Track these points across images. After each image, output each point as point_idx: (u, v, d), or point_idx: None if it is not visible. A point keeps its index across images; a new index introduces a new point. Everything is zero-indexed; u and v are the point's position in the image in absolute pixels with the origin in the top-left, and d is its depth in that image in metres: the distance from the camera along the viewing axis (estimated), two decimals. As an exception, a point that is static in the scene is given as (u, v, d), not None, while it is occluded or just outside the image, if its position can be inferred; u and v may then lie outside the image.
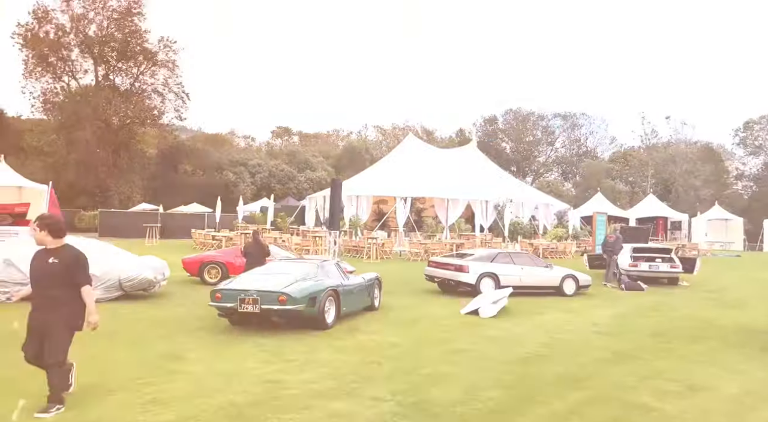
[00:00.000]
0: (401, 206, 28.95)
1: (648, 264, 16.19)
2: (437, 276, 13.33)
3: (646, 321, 10.60)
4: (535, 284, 13.48)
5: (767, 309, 12.21)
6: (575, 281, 13.92)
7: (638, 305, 12.65)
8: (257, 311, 7.74)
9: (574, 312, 11.33)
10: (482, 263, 13.01)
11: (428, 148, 38.00)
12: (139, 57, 44.70)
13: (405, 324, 9.25)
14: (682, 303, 13.01)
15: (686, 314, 11.51)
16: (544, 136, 75.90)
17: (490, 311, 10.17)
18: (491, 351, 7.57)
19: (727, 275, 20.25)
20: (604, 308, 12.10)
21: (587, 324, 9.98)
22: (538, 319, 10.27)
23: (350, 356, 6.96)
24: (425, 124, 79.09)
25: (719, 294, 14.78)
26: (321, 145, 74.80)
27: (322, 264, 9.05)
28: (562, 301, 12.85)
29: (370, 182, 32.59)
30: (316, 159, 59.46)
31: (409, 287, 14.24)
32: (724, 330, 9.82)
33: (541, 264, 13.79)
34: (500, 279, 12.96)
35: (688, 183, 53.18)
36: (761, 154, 59.63)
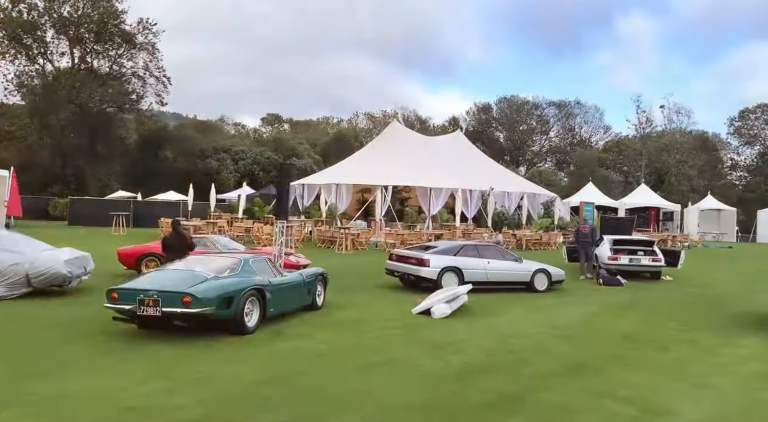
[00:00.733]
0: (380, 195, 27.88)
1: (629, 257, 15.19)
2: (397, 270, 12.31)
3: (617, 321, 9.61)
4: (503, 279, 12.48)
5: (752, 309, 11.23)
6: (547, 276, 12.92)
7: (613, 302, 11.66)
8: (158, 315, 6.69)
9: (539, 311, 10.33)
10: (445, 256, 11.98)
11: (413, 135, 36.89)
12: (117, 39, 43.24)
13: (342, 327, 8.23)
14: (660, 301, 12.03)
15: (663, 313, 10.53)
16: (539, 125, 74.84)
17: (442, 311, 9.15)
18: (426, 361, 6.55)
19: (715, 268, 19.31)
20: (574, 306, 11.11)
21: (549, 326, 8.98)
22: (496, 320, 9.26)
23: (256, 370, 5.92)
24: (420, 112, 77.78)
25: (702, 291, 13.81)
26: (311, 132, 73.49)
27: (247, 259, 7.99)
28: (531, 298, 11.86)
29: (351, 170, 31.51)
30: (302, 146, 58.18)
31: (370, 282, 13.23)
32: (700, 333, 8.84)
33: (510, 257, 12.77)
34: (464, 274, 11.95)
35: (682, 173, 52.21)
36: (756, 144, 58.66)
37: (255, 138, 67.24)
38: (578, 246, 16.77)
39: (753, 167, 58.34)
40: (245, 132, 77.28)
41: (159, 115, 51.79)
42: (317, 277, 9.39)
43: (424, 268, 11.68)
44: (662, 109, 56.53)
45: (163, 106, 48.07)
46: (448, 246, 12.38)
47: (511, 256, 12.80)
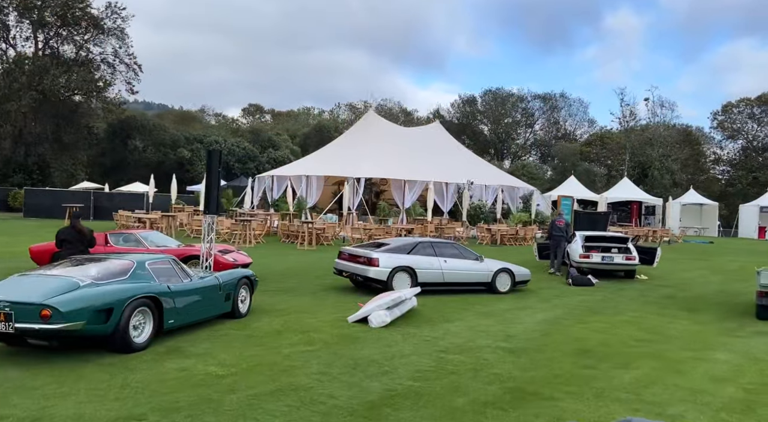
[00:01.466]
0: (350, 188, 26.70)
1: (601, 255, 14.20)
2: (345, 270, 11.17)
3: (579, 330, 8.57)
4: (461, 280, 11.41)
5: (728, 315, 10.28)
6: (511, 276, 11.88)
7: (578, 306, 10.65)
8: (10, 331, 5.49)
9: (495, 317, 9.27)
10: (397, 255, 10.87)
11: (389, 125, 35.68)
12: (83, 23, 41.40)
13: (256, 341, 7.08)
14: (630, 304, 11.05)
15: (631, 320, 9.52)
16: (524, 118, 74.08)
17: (381, 319, 8.04)
18: (338, 388, 5.43)
19: (693, 266, 18.44)
20: (535, 310, 10.07)
21: (502, 336, 7.91)
22: (442, 329, 8.16)
23: (112, 406, 4.75)
24: (407, 104, 76.57)
25: (677, 291, 12.86)
26: (291, 123, 71.94)
27: (143, 261, 6.79)
28: (491, 301, 10.80)
29: (322, 161, 30.27)
30: (280, 137, 56.73)
31: (318, 282, 12.10)
32: (669, 344, 7.84)
33: (470, 256, 11.69)
34: (418, 274, 10.87)
35: (665, 166, 51.60)
36: (739, 138, 58.28)
37: (229, 128, 65.51)
38: (551, 242, 15.81)
39: (735, 161, 58.01)
40: (225, 123, 75.60)
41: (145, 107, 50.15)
42: (240, 281, 8.22)
43: (372, 268, 10.55)
44: (646, 102, 55.90)
45: (134, 94, 46.37)
46: (402, 244, 11.26)
47: (471, 255, 11.72)
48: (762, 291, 9.62)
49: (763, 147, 57.33)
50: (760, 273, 9.66)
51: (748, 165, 55.53)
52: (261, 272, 13.09)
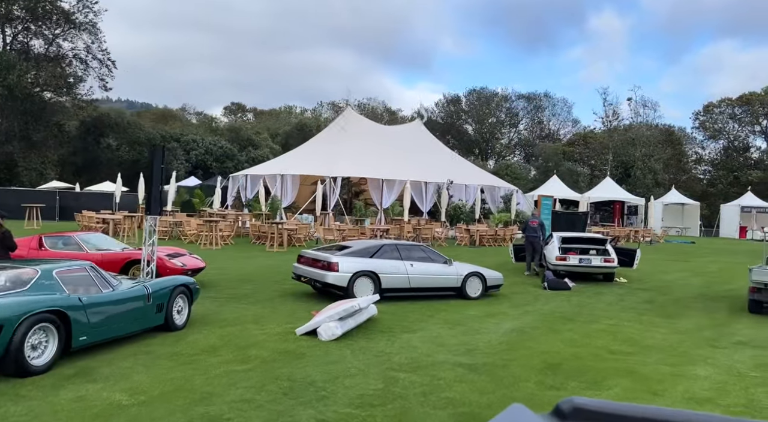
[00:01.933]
0: (324, 188, 25.91)
1: (578, 258, 13.56)
2: (304, 275, 10.38)
3: (549, 341, 7.87)
4: (429, 285, 10.68)
5: (708, 320, 9.67)
6: (482, 280, 11.18)
7: (552, 312, 9.97)
8: None
9: (460, 327, 8.54)
10: (359, 259, 10.10)
11: (368, 123, 34.92)
12: (54, 17, 40.06)
13: (186, 358, 6.27)
14: (607, 310, 10.40)
15: (606, 328, 8.85)
16: (508, 118, 73.83)
17: (331, 332, 7.26)
18: (259, 419, 4.64)
19: (674, 267, 17.93)
20: (505, 318, 9.36)
21: (464, 349, 7.18)
22: (399, 342, 7.42)
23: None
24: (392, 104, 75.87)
25: (656, 295, 12.26)
26: (272, 122, 70.85)
27: (49, 270, 5.93)
28: (459, 307, 10.09)
29: (298, 160, 29.41)
30: (260, 136, 55.70)
31: (276, 288, 11.30)
32: (646, 357, 7.17)
33: (439, 259, 10.97)
34: (382, 279, 10.11)
35: (648, 166, 51.49)
36: (720, 139, 58.44)
37: (211, 127, 64.27)
38: (525, 243, 15.20)
39: (717, 161, 58.14)
40: (205, 121, 74.33)
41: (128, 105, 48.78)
42: (175, 289, 7.39)
43: (331, 273, 9.77)
44: (629, 102, 55.80)
45: (107, 91, 45.11)
46: (365, 247, 10.49)
47: (440, 258, 11.00)
48: (754, 287, 10.41)
49: (743, 147, 57.56)
50: (752, 270, 10.42)
51: (729, 165, 55.67)
52: (218, 277, 12.27)
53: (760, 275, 10.27)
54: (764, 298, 10.43)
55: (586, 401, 1.58)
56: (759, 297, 10.41)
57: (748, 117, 56.33)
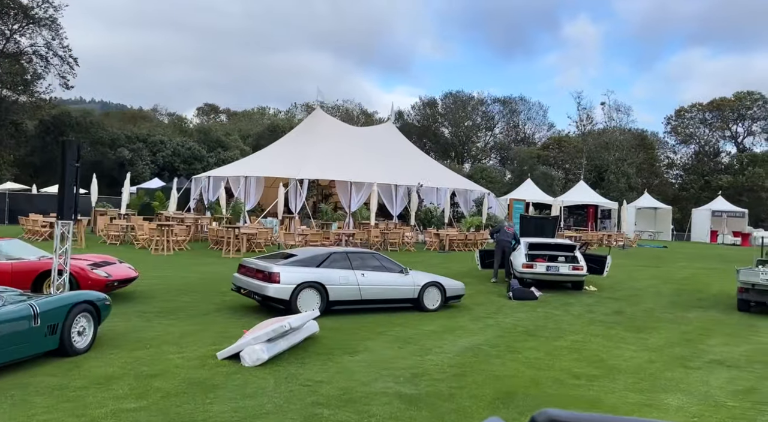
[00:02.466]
0: (289, 191, 24.92)
1: (546, 265, 12.83)
2: (243, 287, 9.40)
3: (505, 363, 7.05)
4: (382, 296, 9.79)
5: (680, 335, 8.98)
6: (441, 291, 10.35)
7: (514, 327, 9.17)
8: None
9: (411, 345, 7.67)
10: (304, 268, 9.17)
11: (337, 124, 33.98)
12: (11, 12, 38.26)
13: (71, 394, 5.26)
14: (574, 323, 9.65)
15: (571, 345, 8.08)
16: (484, 122, 73.74)
17: (256, 356, 6.32)
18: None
19: (645, 274, 17.38)
20: (463, 334, 8.52)
21: (407, 375, 6.31)
22: (335, 366, 6.51)
23: None
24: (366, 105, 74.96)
25: (626, 306, 11.58)
26: (244, 123, 69.41)
27: None
28: (415, 321, 9.22)
29: (264, 161, 28.34)
30: (230, 138, 54.32)
31: (218, 301, 10.30)
32: (613, 382, 6.39)
33: (394, 268, 10.09)
34: (329, 291, 9.20)
35: (621, 170, 51.60)
36: (691, 143, 58.98)
37: (181, 128, 62.58)
38: (496, 247, 14.45)
39: (688, 166, 58.65)
40: (176, 122, 72.52)
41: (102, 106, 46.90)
42: (74, 307, 6.36)
43: (272, 285, 8.81)
44: (603, 106, 55.98)
45: (69, 89, 43.34)
46: (311, 255, 9.55)
47: (395, 267, 10.13)
48: (741, 287, 11.15)
49: (714, 152, 58.16)
50: (739, 271, 11.10)
51: (700, 169, 56.18)
52: (157, 287, 11.22)
53: (747, 276, 10.97)
54: (752, 298, 11.14)
55: (561, 413, 1.60)
56: (747, 296, 11.19)
57: (718, 122, 56.96)
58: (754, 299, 11.09)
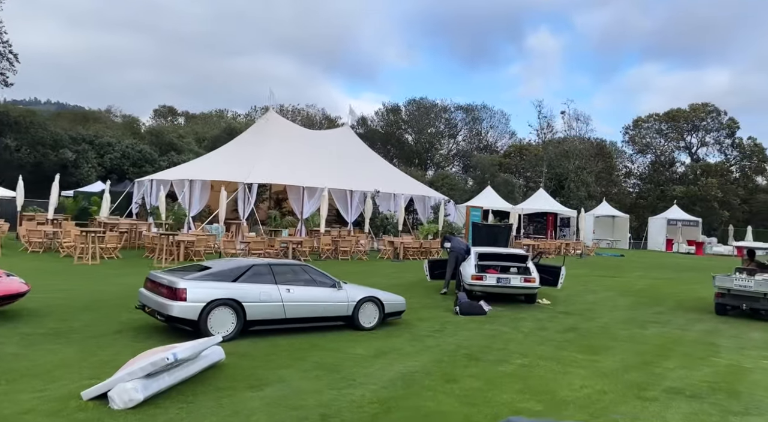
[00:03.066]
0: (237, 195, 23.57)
1: (496, 277, 11.97)
2: (148, 304, 8.14)
3: (437, 397, 6.05)
4: (311, 314, 8.68)
5: (635, 356, 8.17)
6: (378, 307, 9.31)
7: (457, 348, 8.20)
8: None
9: (334, 373, 6.59)
10: (217, 283, 7.98)
11: (292, 127, 32.75)
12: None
13: None
14: (522, 343, 8.74)
15: (516, 371, 7.14)
16: (447, 129, 73.69)
17: (128, 396, 5.12)
18: None
19: (601, 285, 16.79)
20: (398, 358, 7.49)
21: (318, 415, 5.23)
22: (231, 405, 5.37)
23: None
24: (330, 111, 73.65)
25: (581, 321, 10.79)
26: (200, 126, 67.23)
27: None
28: (346, 342, 8.15)
29: (212, 165, 26.85)
30: (183, 140, 52.28)
31: (124, 319, 9.00)
32: (557, 413, 5.46)
33: (326, 282, 9.01)
34: (247, 309, 8.04)
35: (581, 179, 51.92)
36: (648, 153, 60.00)
37: (133, 130, 60.03)
38: (450, 256, 13.57)
39: (645, 175, 59.62)
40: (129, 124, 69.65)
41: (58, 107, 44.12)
42: None
43: (176, 303, 7.60)
44: (563, 115, 56.38)
45: (8, 87, 40.81)
46: (228, 268, 8.37)
47: (327, 280, 9.04)
48: (718, 292, 12.10)
49: (669, 161, 59.31)
50: (716, 277, 12.13)
51: (656, 179, 57.15)
52: (57, 302, 9.85)
53: (723, 281, 11.98)
54: (728, 302, 12.05)
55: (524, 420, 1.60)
56: (723, 301, 12.13)
57: (673, 133, 58.12)
58: (729, 303, 12.03)
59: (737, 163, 56.84)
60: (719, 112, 56.19)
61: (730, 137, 56.62)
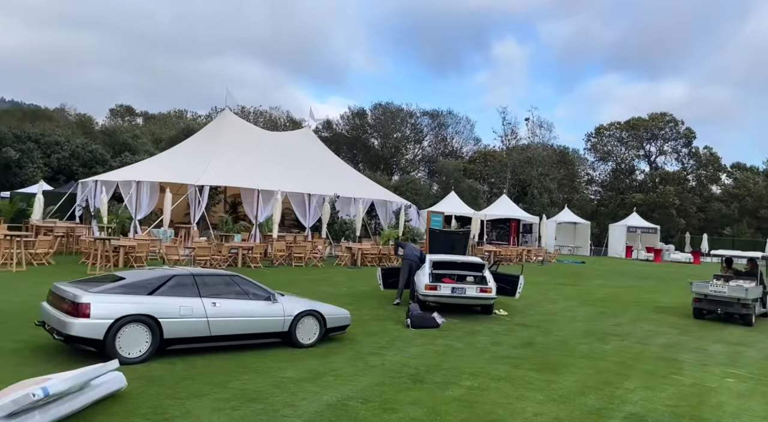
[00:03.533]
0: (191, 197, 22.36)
1: (451, 287, 11.26)
2: (48, 320, 7.07)
3: (373, 429, 5.23)
4: (240, 331, 7.75)
5: (593, 375, 7.54)
6: (319, 321, 8.45)
7: (402, 368, 7.40)
8: None
9: (254, 404, 5.70)
10: (128, 297, 6.98)
11: (249, 128, 31.61)
12: None
13: None
14: (474, 361, 8.02)
15: (464, 396, 6.40)
16: (413, 134, 73.38)
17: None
18: None
19: (561, 294, 16.32)
20: (334, 382, 6.64)
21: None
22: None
23: None
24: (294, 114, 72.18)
25: (538, 334, 10.17)
26: (159, 126, 65.00)
27: None
28: (278, 363, 7.26)
29: (162, 166, 25.48)
30: (138, 141, 50.30)
31: (26, 336, 7.88)
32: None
33: (260, 294, 8.09)
34: (164, 326, 7.06)
35: (543, 185, 52.19)
36: (609, 160, 60.91)
37: (85, 129, 57.49)
38: (402, 264, 12.81)
39: (606, 183, 60.46)
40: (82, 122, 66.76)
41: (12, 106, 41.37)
42: None
43: (77, 320, 6.57)
44: (527, 122, 56.71)
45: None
46: (144, 279, 7.38)
47: (261, 293, 8.13)
48: (696, 297, 12.86)
49: (629, 169, 60.34)
50: (693, 283, 12.88)
51: (617, 186, 58.01)
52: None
53: (699, 287, 12.68)
54: (704, 307, 12.74)
55: None
56: (700, 305, 12.82)
57: (633, 141, 59.15)
58: (706, 307, 12.72)
59: (693, 171, 58.22)
60: (677, 122, 57.49)
61: (687, 146, 57.98)
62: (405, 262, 12.82)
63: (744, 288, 12.20)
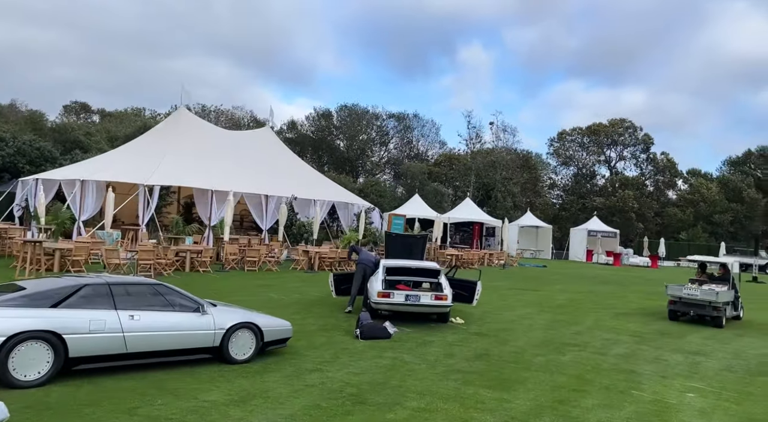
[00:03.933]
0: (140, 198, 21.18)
1: (405, 293, 10.65)
2: (-68, 337, 6.11)
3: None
4: (162, 347, 6.93)
5: (549, 391, 7.03)
6: (255, 335, 7.69)
7: (343, 387, 6.73)
8: None
9: (161, 437, 4.92)
10: (25, 310, 6.09)
11: (204, 126, 30.41)
12: None
13: None
14: (424, 377, 7.41)
15: (407, 419, 5.76)
16: (378, 136, 72.86)
17: None
18: None
19: (521, 299, 15.93)
20: (261, 406, 5.91)
21: None
22: None
23: None
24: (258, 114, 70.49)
25: (493, 345, 9.64)
26: (115, 124, 62.56)
27: None
28: (200, 383, 6.48)
29: (110, 164, 24.13)
30: (92, 139, 48.16)
31: None
32: None
33: (188, 305, 7.29)
34: (69, 343, 6.19)
35: (507, 189, 52.39)
36: (571, 165, 61.72)
37: (35, 126, 54.80)
38: (356, 269, 12.15)
39: (568, 187, 61.22)
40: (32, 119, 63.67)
41: None
42: None
43: (-39, 338, 5.65)
44: (491, 126, 56.87)
45: None
46: (48, 289, 6.49)
47: (190, 304, 7.33)
48: (671, 300, 13.46)
49: (590, 174, 61.29)
50: (668, 286, 13.49)
51: (578, 190, 58.78)
52: None
53: (674, 290, 13.30)
54: (679, 309, 13.32)
55: None
56: (675, 307, 13.39)
57: (594, 146, 60.12)
58: (680, 310, 13.27)
59: (651, 176, 59.52)
60: (636, 128, 58.71)
61: (646, 152, 59.26)
62: (359, 267, 12.18)
63: (715, 292, 12.74)
